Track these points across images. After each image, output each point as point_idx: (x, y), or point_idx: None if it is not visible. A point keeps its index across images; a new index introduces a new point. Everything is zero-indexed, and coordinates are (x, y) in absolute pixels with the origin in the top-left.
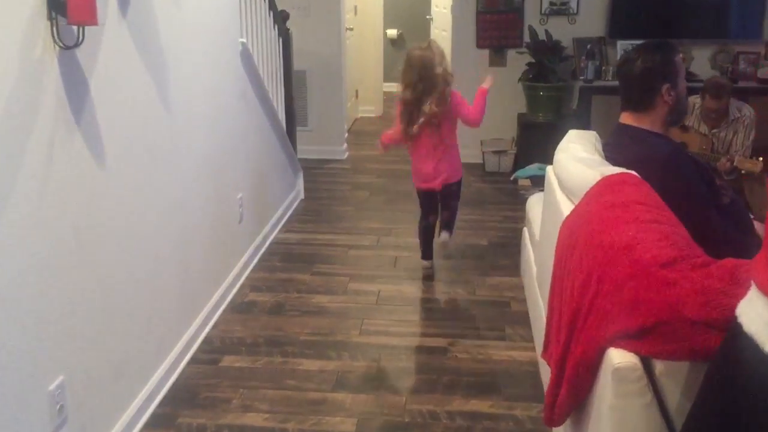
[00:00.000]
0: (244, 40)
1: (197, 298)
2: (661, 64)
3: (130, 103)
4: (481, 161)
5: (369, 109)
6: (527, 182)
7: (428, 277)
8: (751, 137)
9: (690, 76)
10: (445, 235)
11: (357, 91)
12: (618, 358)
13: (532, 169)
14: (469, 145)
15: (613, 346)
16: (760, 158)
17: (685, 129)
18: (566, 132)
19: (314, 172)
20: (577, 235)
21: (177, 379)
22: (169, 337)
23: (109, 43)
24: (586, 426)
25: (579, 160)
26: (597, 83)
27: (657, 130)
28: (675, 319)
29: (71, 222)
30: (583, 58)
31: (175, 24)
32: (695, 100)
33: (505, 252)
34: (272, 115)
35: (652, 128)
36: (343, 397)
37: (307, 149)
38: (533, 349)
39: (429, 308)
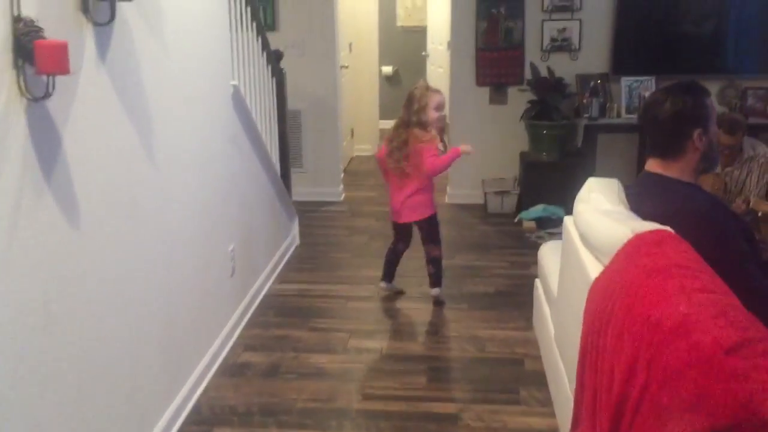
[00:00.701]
0: (236, 82)
1: (184, 363)
2: (693, 108)
3: (110, 157)
4: (483, 202)
5: (365, 147)
6: (532, 224)
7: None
8: (766, 177)
9: None
10: (435, 290)
11: (352, 130)
12: None
13: (537, 210)
14: (470, 185)
15: None
16: None
17: None
18: (571, 171)
19: (310, 215)
20: (613, 305)
21: None
22: (153, 410)
23: (85, 92)
24: None
25: (604, 214)
26: (602, 121)
27: (687, 179)
28: (750, 421)
29: (40, 294)
30: (587, 95)
31: (161, 69)
32: None
33: (515, 302)
34: (265, 159)
35: (682, 177)
36: None
37: (302, 191)
38: (551, 414)
39: (436, 368)
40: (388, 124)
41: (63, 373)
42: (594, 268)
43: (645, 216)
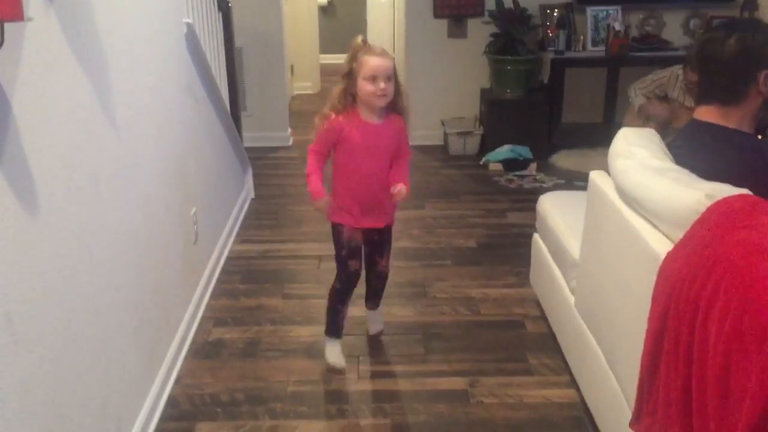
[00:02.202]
0: (190, 20)
1: (156, 349)
2: (763, 45)
3: (68, 118)
4: (443, 143)
5: (306, 85)
6: (499, 167)
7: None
8: None
9: (664, 44)
10: (377, 316)
11: (292, 66)
12: None
13: (504, 152)
14: (428, 126)
15: None
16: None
17: (668, 101)
18: (537, 109)
19: (259, 163)
20: (715, 291)
21: None
22: (129, 409)
23: (34, 43)
24: None
25: (658, 172)
26: (569, 55)
27: (746, 129)
28: None
29: None
30: (554, 27)
31: (114, 8)
32: (678, 71)
33: (501, 256)
34: (221, 107)
35: (740, 126)
36: None
37: (248, 136)
38: (568, 385)
39: (432, 335)
40: (328, 59)
41: (31, 383)
42: (656, 240)
43: (702, 174)
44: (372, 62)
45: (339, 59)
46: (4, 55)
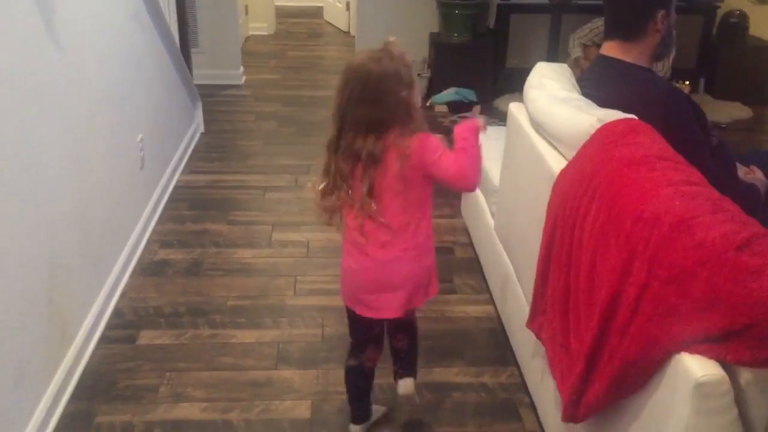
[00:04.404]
0: None
1: (102, 264)
2: None
3: (8, 29)
4: None
5: (260, 26)
6: (444, 108)
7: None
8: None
9: None
10: (408, 381)
11: (246, 6)
12: (699, 369)
13: (449, 94)
14: None
15: (685, 351)
16: (686, 82)
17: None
18: (483, 53)
19: (210, 100)
20: (590, 199)
21: (88, 365)
22: (75, 314)
23: None
24: (620, 424)
25: (562, 101)
26: (515, 0)
27: (644, 64)
28: None
29: None
30: None
31: None
32: None
33: (437, 189)
34: (168, 37)
35: (638, 61)
36: (290, 375)
37: (200, 73)
38: (486, 302)
39: None
40: (283, 1)
41: None
42: (555, 160)
43: (602, 103)
44: None
45: (294, 2)
46: None
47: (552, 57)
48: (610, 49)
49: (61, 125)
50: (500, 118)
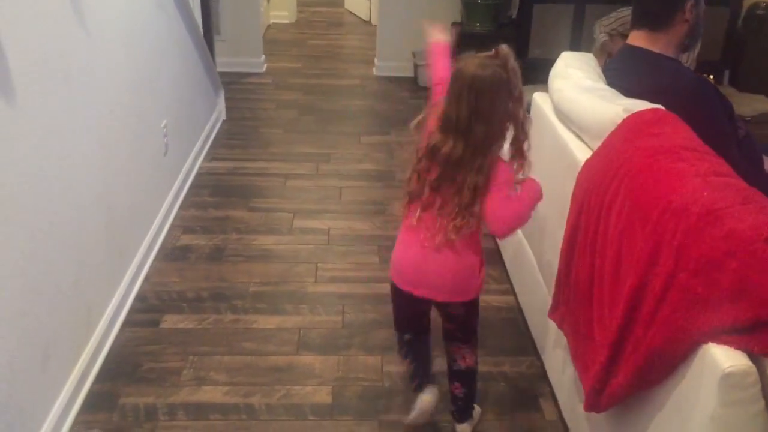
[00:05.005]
0: None
1: (126, 248)
2: None
3: (39, 14)
4: (413, 75)
5: (282, 15)
6: None
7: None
8: (697, 50)
9: None
10: (464, 427)
11: None
12: (726, 360)
13: None
14: (399, 57)
15: (712, 341)
16: (711, 76)
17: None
18: (505, 43)
19: (232, 88)
20: (616, 189)
21: (112, 347)
22: (100, 298)
23: None
24: (644, 414)
25: (588, 91)
26: None
27: (671, 55)
28: None
29: None
30: None
31: None
32: None
33: None
34: (192, 25)
35: (665, 51)
36: (311, 361)
37: (222, 61)
38: (508, 292)
39: (388, 246)
40: None
41: (12, 264)
42: (579, 150)
43: (628, 93)
44: None
45: None
46: None
47: (575, 48)
48: (637, 38)
49: (89, 109)
50: None
